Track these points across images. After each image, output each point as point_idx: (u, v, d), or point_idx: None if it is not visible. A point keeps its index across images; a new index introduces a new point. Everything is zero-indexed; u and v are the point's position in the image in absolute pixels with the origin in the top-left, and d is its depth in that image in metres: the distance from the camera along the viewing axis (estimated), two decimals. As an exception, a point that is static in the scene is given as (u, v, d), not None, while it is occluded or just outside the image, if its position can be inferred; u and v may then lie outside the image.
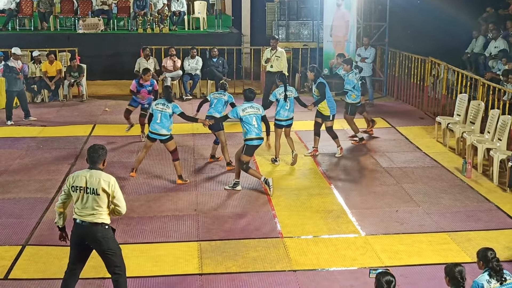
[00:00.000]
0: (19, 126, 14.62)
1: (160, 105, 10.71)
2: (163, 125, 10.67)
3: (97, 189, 6.47)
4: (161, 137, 10.78)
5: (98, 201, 6.51)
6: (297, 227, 9.19)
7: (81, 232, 6.60)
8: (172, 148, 10.84)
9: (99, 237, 6.59)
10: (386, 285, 5.44)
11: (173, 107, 10.70)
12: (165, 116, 10.65)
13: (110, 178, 6.58)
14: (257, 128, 10.34)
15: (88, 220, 6.54)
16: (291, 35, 20.44)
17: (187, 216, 9.60)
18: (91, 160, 6.61)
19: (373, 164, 11.98)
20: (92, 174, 6.53)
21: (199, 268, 7.97)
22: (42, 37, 19.41)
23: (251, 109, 10.36)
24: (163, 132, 10.71)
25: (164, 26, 20.08)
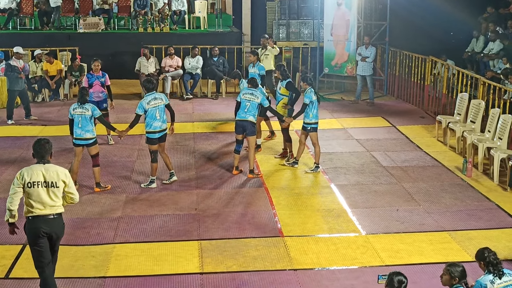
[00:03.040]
0: (20, 126, 14.62)
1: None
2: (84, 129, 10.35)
3: (57, 181, 6.67)
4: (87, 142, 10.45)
5: (57, 193, 6.71)
6: (298, 226, 9.20)
7: (46, 225, 6.69)
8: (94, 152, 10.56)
9: (61, 226, 6.85)
10: (398, 285, 5.47)
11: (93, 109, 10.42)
12: (85, 119, 10.35)
13: (64, 169, 6.84)
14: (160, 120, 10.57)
15: (52, 212, 6.70)
16: (291, 34, 20.43)
17: (188, 215, 9.60)
18: (40, 155, 6.75)
19: (374, 163, 11.98)
20: (48, 168, 6.70)
21: (199, 267, 7.97)
22: (43, 37, 19.41)
23: (155, 101, 10.54)
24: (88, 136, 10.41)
25: (165, 26, 20.06)
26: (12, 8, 20.03)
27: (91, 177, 11.16)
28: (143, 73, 17.32)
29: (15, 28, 20.29)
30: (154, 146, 10.63)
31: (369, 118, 15.39)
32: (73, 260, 8.13)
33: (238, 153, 11.31)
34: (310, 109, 11.31)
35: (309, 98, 11.27)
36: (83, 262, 8.08)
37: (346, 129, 14.32)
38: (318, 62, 18.18)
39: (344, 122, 14.99)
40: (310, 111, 11.32)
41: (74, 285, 7.54)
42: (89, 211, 9.76)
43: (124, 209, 9.82)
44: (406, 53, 17.11)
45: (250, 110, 11.02)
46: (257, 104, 11.11)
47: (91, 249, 8.45)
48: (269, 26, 21.40)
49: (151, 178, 10.78)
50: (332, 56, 17.78)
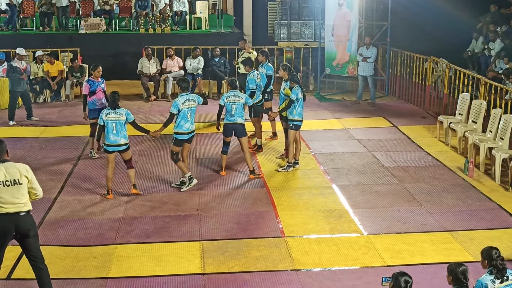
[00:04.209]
0: (21, 127, 14.63)
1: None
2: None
3: (19, 178, 6.66)
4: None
5: (21, 190, 6.69)
6: (299, 227, 9.20)
7: (12, 224, 6.67)
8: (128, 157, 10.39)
9: (30, 224, 6.79)
10: (404, 285, 5.48)
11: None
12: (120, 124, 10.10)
13: (24, 165, 6.82)
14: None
15: (19, 210, 6.67)
16: (292, 35, 20.42)
17: (190, 216, 9.60)
18: None
19: (375, 164, 11.98)
20: (8, 166, 6.70)
21: (201, 267, 7.97)
22: (44, 38, 19.42)
23: (189, 102, 10.47)
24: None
25: (166, 26, 20.08)
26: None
27: (92, 179, 11.19)
28: (145, 74, 17.32)
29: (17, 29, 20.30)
30: (178, 148, 10.51)
31: (371, 118, 15.38)
32: (74, 261, 8.13)
33: (225, 154, 11.37)
34: (295, 107, 11.29)
35: (295, 94, 11.25)
36: (84, 263, 8.08)
37: (348, 130, 14.32)
38: (319, 62, 18.17)
39: (345, 122, 14.98)
40: (294, 109, 11.30)
41: (76, 286, 7.54)
42: (90, 212, 9.76)
43: (125, 210, 9.82)
44: (407, 53, 17.11)
45: (237, 112, 10.99)
46: (242, 105, 11.09)
47: (93, 250, 8.45)
48: (270, 27, 21.42)
49: (189, 175, 10.64)
50: (333, 56, 17.77)
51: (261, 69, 13.36)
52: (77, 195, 10.46)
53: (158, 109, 16.11)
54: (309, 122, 14.39)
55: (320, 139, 13.61)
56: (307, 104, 15.46)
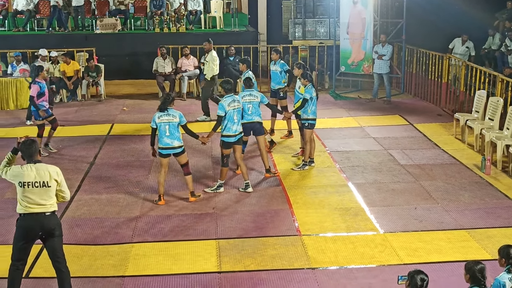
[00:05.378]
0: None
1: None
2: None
3: (48, 181, 6.72)
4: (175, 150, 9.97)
5: (49, 192, 6.74)
6: (315, 225, 9.19)
7: (37, 223, 6.74)
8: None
9: (55, 224, 6.85)
10: (420, 283, 5.47)
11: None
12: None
13: (55, 168, 6.87)
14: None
15: (44, 211, 6.73)
16: (307, 33, 20.39)
17: (206, 214, 9.62)
18: (29, 154, 6.80)
19: (391, 162, 11.94)
20: (39, 167, 6.75)
21: (217, 266, 7.99)
22: (60, 38, 19.54)
23: (234, 103, 10.39)
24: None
25: (181, 25, 20.12)
26: (30, 9, 20.19)
27: (108, 178, 11.25)
28: (160, 73, 17.38)
29: (33, 29, 20.46)
30: (228, 151, 10.40)
31: (386, 116, 15.34)
32: (92, 260, 8.18)
33: (242, 153, 11.24)
34: (309, 105, 11.27)
35: (309, 93, 11.24)
36: (102, 262, 8.13)
37: (363, 128, 14.29)
38: (334, 60, 18.13)
39: (361, 120, 14.95)
40: (309, 107, 11.29)
41: (94, 285, 7.58)
42: (107, 211, 9.81)
43: (142, 209, 9.86)
44: (423, 50, 17.03)
45: (254, 111, 10.93)
46: (258, 103, 11.02)
47: (110, 249, 8.49)
48: (285, 25, 21.40)
49: (219, 182, 10.55)
50: (348, 54, 17.74)
51: (275, 66, 13.37)
52: (94, 194, 10.51)
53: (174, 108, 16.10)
54: (325, 120, 14.38)
55: (336, 137, 13.59)
56: (322, 103, 15.52)
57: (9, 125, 14.91)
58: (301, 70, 11.79)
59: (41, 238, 6.87)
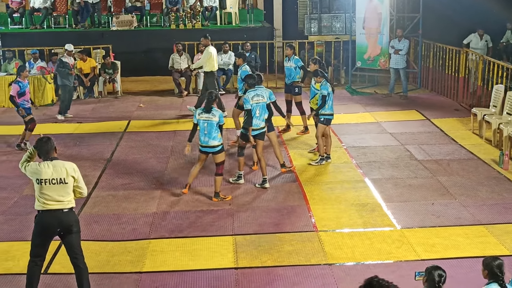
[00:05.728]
0: (55, 123, 14.85)
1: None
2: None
3: (65, 177, 6.76)
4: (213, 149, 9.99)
5: (66, 189, 6.79)
6: (332, 221, 9.18)
7: (55, 220, 6.78)
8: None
9: (73, 221, 6.89)
10: (438, 278, 5.45)
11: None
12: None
13: (72, 164, 6.90)
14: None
15: (62, 208, 6.78)
16: (323, 28, 20.33)
17: (222, 210, 9.64)
18: (45, 152, 6.84)
19: (408, 157, 11.89)
20: (56, 165, 6.79)
21: (234, 262, 8.00)
22: (77, 35, 19.63)
23: (257, 97, 10.43)
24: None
25: (197, 22, 20.15)
26: (47, 7, 20.31)
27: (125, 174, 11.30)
28: (176, 70, 17.43)
29: (50, 27, 20.58)
30: (245, 143, 10.49)
31: (403, 111, 15.27)
32: (109, 256, 8.22)
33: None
34: (326, 101, 11.24)
35: (326, 89, 11.20)
36: (119, 258, 8.17)
37: (380, 123, 14.23)
38: (350, 55, 18.08)
39: (377, 115, 14.90)
40: (326, 103, 11.25)
41: (111, 281, 7.63)
42: (124, 207, 9.86)
43: (159, 205, 9.90)
44: (440, 45, 16.92)
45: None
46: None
47: (127, 245, 8.54)
48: (301, 21, 21.34)
49: (239, 173, 10.70)
50: (364, 49, 17.67)
51: (289, 62, 13.35)
52: (111, 190, 10.57)
53: (190, 104, 16.17)
54: (341, 116, 14.34)
55: (352, 132, 13.55)
56: (338, 98, 15.48)
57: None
58: (317, 66, 11.76)
59: (59, 234, 6.92)
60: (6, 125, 14.83)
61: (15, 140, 13.35)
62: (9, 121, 15.13)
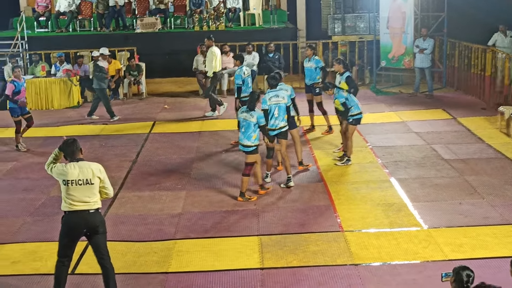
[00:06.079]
0: (81, 125, 14.97)
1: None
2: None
3: (91, 178, 6.80)
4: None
5: (92, 189, 6.83)
6: (358, 221, 9.12)
7: (82, 220, 6.83)
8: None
9: (99, 221, 6.93)
10: (466, 279, 5.38)
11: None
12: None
13: (98, 165, 6.95)
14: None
15: (88, 208, 6.82)
16: (347, 28, 20.24)
17: (247, 210, 9.64)
18: (71, 153, 6.89)
19: (435, 156, 11.78)
20: (82, 166, 6.83)
21: (260, 262, 7.99)
22: (102, 38, 19.78)
23: (276, 98, 10.41)
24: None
25: (220, 23, 20.19)
26: (72, 11, 20.51)
27: (150, 175, 11.35)
28: (200, 71, 17.47)
29: (75, 30, 20.77)
30: (271, 144, 10.44)
31: (428, 110, 15.15)
32: (135, 256, 8.26)
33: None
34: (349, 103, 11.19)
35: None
36: (145, 258, 8.20)
37: (405, 122, 14.13)
38: (374, 55, 17.98)
39: (402, 115, 14.79)
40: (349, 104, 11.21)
41: (138, 281, 7.66)
42: (150, 208, 9.90)
43: (184, 206, 9.92)
44: (465, 44, 16.76)
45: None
46: (289, 97, 10.78)
47: (153, 245, 8.57)
48: (324, 21, 21.29)
49: (266, 173, 10.75)
50: (388, 49, 17.57)
51: (310, 63, 13.32)
52: (137, 191, 10.62)
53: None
54: (366, 116, 14.14)
55: (377, 132, 13.47)
56: (363, 98, 15.40)
57: (54, 124, 15.18)
58: (341, 66, 11.72)
59: (86, 235, 6.97)
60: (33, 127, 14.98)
61: (42, 142, 13.50)
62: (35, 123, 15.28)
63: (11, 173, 11.79)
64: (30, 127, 13.30)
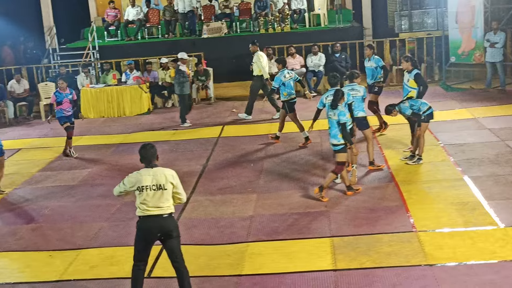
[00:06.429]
0: (153, 131, 15.28)
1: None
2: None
3: (164, 184, 6.94)
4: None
5: (165, 195, 6.96)
6: (431, 221, 8.97)
7: (156, 225, 6.97)
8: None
9: (173, 226, 7.06)
10: None
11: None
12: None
13: (171, 171, 7.10)
14: None
15: (162, 213, 6.96)
16: (414, 25, 19.94)
17: (318, 212, 9.63)
18: (147, 160, 7.08)
19: (509, 153, 11.47)
20: (156, 172, 6.99)
21: (333, 264, 7.97)
22: (169, 44, 20.15)
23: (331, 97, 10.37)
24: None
25: (285, 25, 20.24)
26: (140, 19, 20.96)
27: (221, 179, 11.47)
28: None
29: (144, 38, 21.21)
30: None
31: (502, 106, 14.76)
32: (209, 259, 8.37)
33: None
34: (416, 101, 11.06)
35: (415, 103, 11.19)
36: (218, 261, 8.30)
37: (477, 119, 13.81)
38: (443, 51, 17.64)
39: (474, 111, 14.46)
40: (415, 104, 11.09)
41: (211, 284, 7.76)
42: (222, 211, 10.01)
43: (255, 208, 9.99)
44: (539, 36, 16.27)
45: (356, 106, 10.82)
46: (361, 98, 10.97)
47: (226, 248, 8.66)
48: (390, 18, 21.05)
49: (354, 166, 10.79)
50: (458, 44, 17.21)
51: (370, 62, 13.20)
52: (208, 195, 10.76)
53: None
54: (436, 113, 13.89)
55: (449, 130, 13.22)
56: (433, 95, 15.17)
57: (126, 131, 15.55)
58: (409, 63, 11.55)
59: (160, 239, 7.12)
60: (106, 134, 15.39)
61: (115, 149, 13.85)
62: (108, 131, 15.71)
63: (87, 179, 12.13)
64: (70, 137, 13.60)
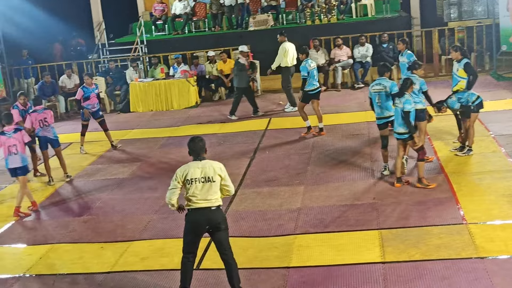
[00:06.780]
0: (200, 124, 15.40)
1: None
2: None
3: (213, 176, 7.01)
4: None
5: (214, 187, 7.02)
6: (482, 213, 8.83)
7: (204, 217, 7.04)
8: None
9: (221, 218, 7.12)
10: None
11: None
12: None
13: (219, 164, 7.16)
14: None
15: (210, 205, 7.02)
16: (463, 13, 19.57)
17: (366, 204, 9.57)
18: (196, 153, 7.13)
19: None
20: (205, 165, 7.06)
21: (381, 256, 7.92)
22: (216, 38, 20.25)
23: (377, 86, 10.47)
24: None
25: (332, 16, 20.10)
26: (187, 13, 21.11)
27: (268, 171, 11.49)
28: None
29: (191, 31, 21.35)
30: (381, 131, 10.62)
31: (556, 95, 14.41)
32: (257, 251, 8.42)
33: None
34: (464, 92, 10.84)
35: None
36: (266, 253, 8.34)
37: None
38: (494, 40, 17.26)
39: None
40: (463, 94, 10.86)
41: (260, 275, 7.80)
42: (269, 203, 10.04)
43: (303, 201, 9.99)
44: None
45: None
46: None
47: (274, 240, 8.69)
48: (439, 7, 20.71)
49: (384, 165, 10.75)
50: (509, 32, 16.82)
51: (402, 58, 12.92)
52: (256, 187, 10.80)
53: (328, 99, 16.19)
54: (487, 103, 13.61)
55: (500, 120, 12.95)
56: (483, 85, 14.90)
57: (174, 124, 15.72)
58: (458, 53, 11.32)
59: (208, 231, 7.19)
60: (154, 128, 15.58)
61: (164, 142, 14.02)
62: (156, 124, 15.89)
63: (136, 172, 12.32)
64: (107, 130, 13.98)
